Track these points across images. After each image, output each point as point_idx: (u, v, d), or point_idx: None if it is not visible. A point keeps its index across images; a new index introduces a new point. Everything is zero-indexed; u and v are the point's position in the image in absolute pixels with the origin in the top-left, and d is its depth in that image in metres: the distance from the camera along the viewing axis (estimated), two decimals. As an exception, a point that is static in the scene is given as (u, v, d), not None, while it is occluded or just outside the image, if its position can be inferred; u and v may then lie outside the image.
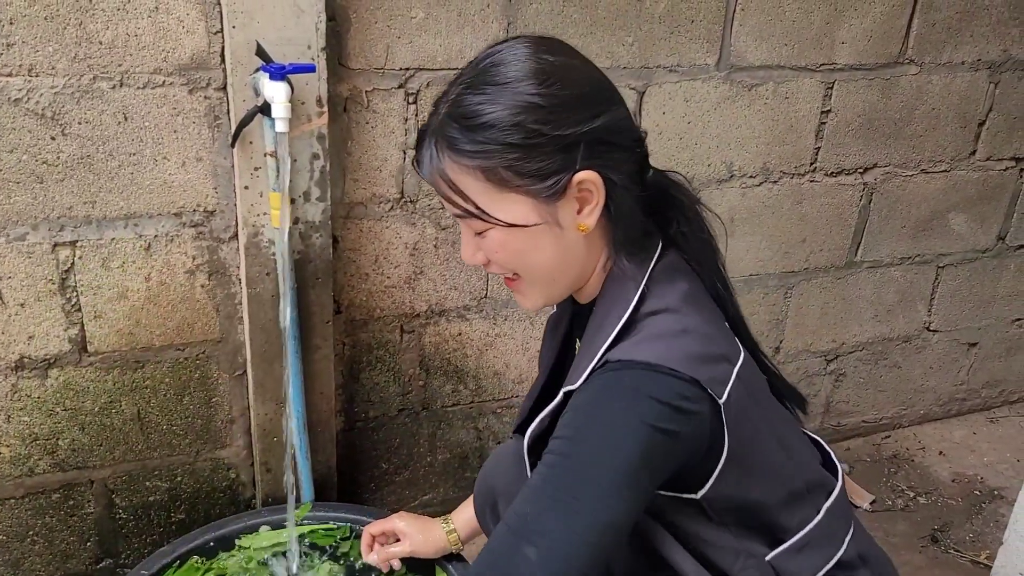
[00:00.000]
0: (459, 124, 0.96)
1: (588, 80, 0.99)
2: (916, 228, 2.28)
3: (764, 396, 1.11)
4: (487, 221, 1.00)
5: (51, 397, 1.56)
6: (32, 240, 1.45)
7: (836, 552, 1.10)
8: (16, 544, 1.64)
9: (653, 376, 0.95)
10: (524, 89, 0.95)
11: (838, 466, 1.19)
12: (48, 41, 1.35)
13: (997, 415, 2.66)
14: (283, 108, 1.37)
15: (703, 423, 0.97)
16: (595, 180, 0.98)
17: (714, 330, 1.05)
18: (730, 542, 1.07)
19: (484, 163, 0.96)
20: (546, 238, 1.01)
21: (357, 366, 1.82)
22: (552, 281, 1.07)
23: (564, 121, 0.95)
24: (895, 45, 2.02)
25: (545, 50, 0.99)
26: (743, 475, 1.03)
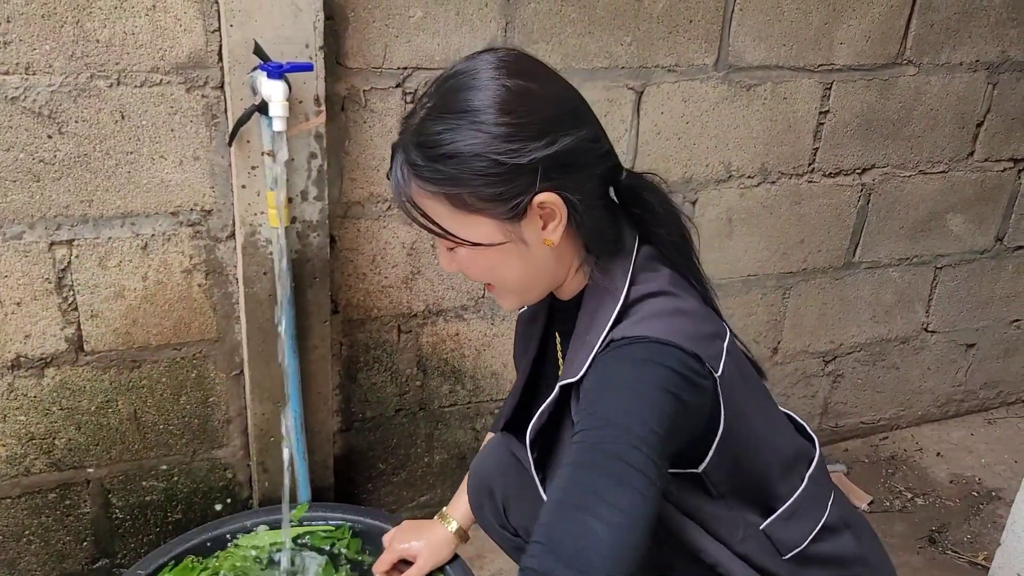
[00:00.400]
0: (422, 152, 0.99)
1: (550, 104, 1.01)
2: (914, 229, 2.28)
3: (749, 372, 1.15)
4: (453, 241, 1.04)
5: (47, 396, 1.56)
6: (29, 239, 1.45)
7: (821, 517, 1.15)
8: (12, 544, 1.63)
9: (661, 348, 0.99)
10: (485, 119, 0.97)
11: (813, 436, 1.24)
12: (45, 39, 1.35)
13: (995, 416, 2.66)
14: (281, 107, 1.37)
15: (706, 395, 1.02)
16: (555, 201, 1.01)
17: (702, 309, 1.10)
18: (728, 514, 1.10)
19: (448, 190, 0.99)
20: (513, 254, 1.05)
21: (354, 366, 1.82)
22: (525, 289, 1.12)
23: (521, 150, 0.97)
24: (893, 46, 2.02)
25: (511, 72, 1.00)
26: (739, 447, 1.07)
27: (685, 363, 0.98)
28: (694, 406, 1.00)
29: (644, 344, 0.99)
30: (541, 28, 1.67)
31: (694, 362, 0.99)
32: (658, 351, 0.98)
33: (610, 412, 0.95)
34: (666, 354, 0.98)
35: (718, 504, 1.10)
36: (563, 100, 1.03)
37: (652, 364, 0.97)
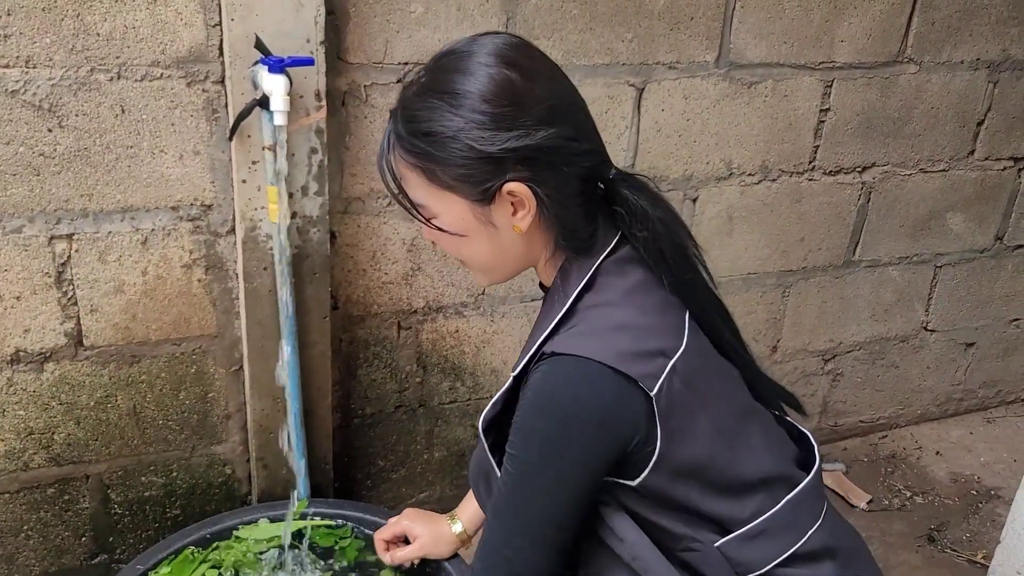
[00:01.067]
0: (405, 124, 1.03)
1: (531, 99, 1.02)
2: (914, 228, 2.28)
3: (713, 388, 1.11)
4: (418, 219, 1.08)
5: (47, 391, 1.56)
6: (28, 233, 1.45)
7: (796, 543, 1.10)
8: (10, 539, 1.63)
9: (581, 370, 1.01)
10: (469, 106, 1.00)
11: (817, 458, 1.19)
12: (46, 32, 1.34)
13: (994, 415, 2.67)
14: (282, 101, 1.37)
15: (634, 417, 1.02)
16: (524, 191, 1.02)
17: (654, 323, 1.07)
18: (677, 527, 1.09)
19: (424, 163, 1.03)
20: (480, 235, 1.07)
21: (354, 362, 1.81)
22: (492, 269, 1.14)
23: (492, 139, 1.00)
24: (894, 44, 2.02)
25: (504, 61, 1.02)
26: (680, 468, 1.05)
27: (608, 385, 1.00)
28: (620, 428, 1.02)
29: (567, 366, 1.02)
30: (542, 24, 1.67)
31: (622, 382, 1.00)
32: (579, 376, 1.01)
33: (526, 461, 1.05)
34: (587, 379, 1.00)
35: (664, 515, 1.09)
36: (547, 96, 1.03)
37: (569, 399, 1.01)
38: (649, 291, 1.09)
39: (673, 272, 1.10)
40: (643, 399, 1.02)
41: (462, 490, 2.05)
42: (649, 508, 1.09)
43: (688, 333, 1.09)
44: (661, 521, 1.09)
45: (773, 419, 1.21)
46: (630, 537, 1.09)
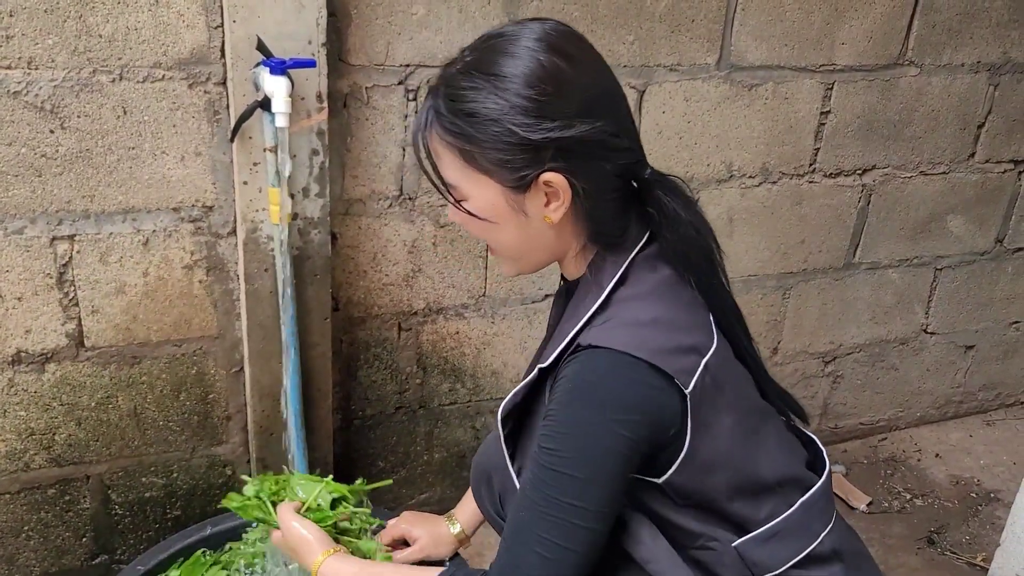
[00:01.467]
0: (447, 102, 1.02)
1: (577, 89, 1.01)
2: (914, 230, 2.28)
3: (735, 388, 1.12)
4: (445, 197, 1.07)
5: (48, 392, 1.56)
6: (30, 234, 1.45)
7: (808, 545, 1.11)
8: (11, 539, 1.63)
9: (618, 364, 1.00)
10: (514, 89, 0.98)
11: (827, 465, 1.20)
12: (48, 34, 1.35)
13: (994, 418, 2.67)
14: (283, 103, 1.37)
15: (668, 412, 1.02)
16: (561, 182, 1.02)
17: (686, 320, 1.08)
18: (695, 526, 1.09)
19: (462, 144, 1.02)
20: (510, 222, 1.06)
21: (355, 364, 1.82)
22: (519, 258, 1.13)
23: (536, 127, 0.99)
24: (895, 46, 2.03)
25: (551, 48, 1.00)
26: (705, 466, 1.06)
27: (642, 379, 1.00)
28: (653, 424, 1.01)
29: (602, 359, 1.01)
30: (543, 26, 1.67)
31: (656, 376, 1.00)
32: (613, 370, 1.00)
33: (560, 451, 1.01)
34: (621, 373, 1.00)
35: (683, 514, 1.09)
36: (592, 87, 1.03)
37: (605, 392, 1.00)
38: (680, 288, 1.10)
39: (699, 275, 1.11)
40: (678, 395, 1.02)
41: (462, 491, 2.04)
42: (669, 507, 1.09)
43: (716, 333, 1.10)
44: (679, 520, 1.09)
45: (783, 423, 1.22)
46: (647, 539, 1.09)
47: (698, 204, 1.12)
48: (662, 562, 1.08)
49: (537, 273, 1.88)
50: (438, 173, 1.06)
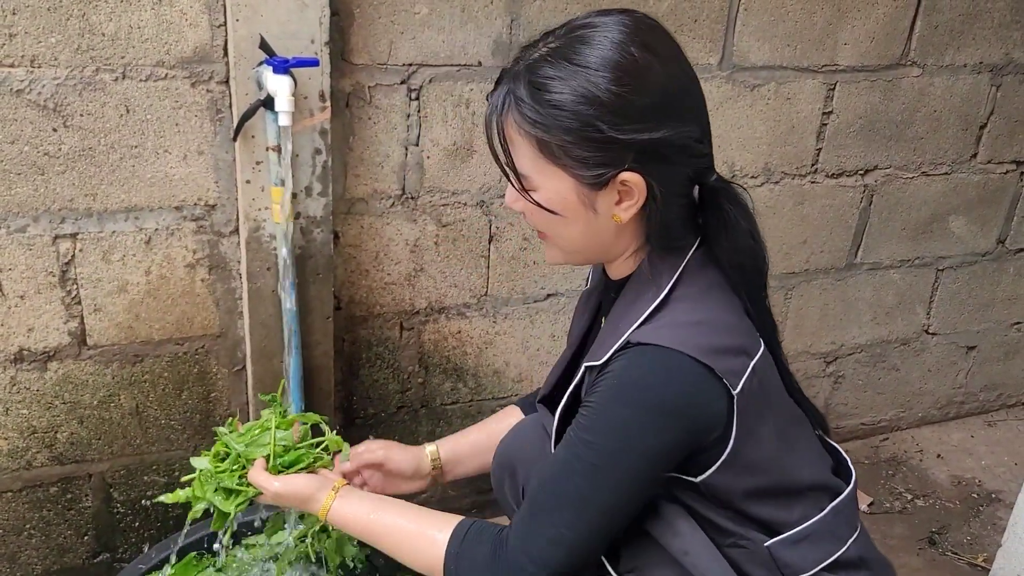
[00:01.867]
0: (530, 90, 0.98)
1: (664, 88, 0.98)
2: (916, 231, 2.28)
3: (776, 393, 1.13)
4: (514, 185, 1.04)
5: (50, 390, 1.56)
6: (33, 232, 1.45)
7: (837, 550, 1.12)
8: (13, 538, 1.63)
9: (667, 360, 0.99)
10: (597, 80, 0.96)
11: (852, 471, 1.21)
12: (51, 32, 1.35)
13: (995, 419, 2.66)
14: (286, 102, 1.37)
15: (715, 412, 1.02)
16: (639, 183, 1.00)
17: (735, 323, 1.08)
18: (728, 524, 1.10)
19: (541, 134, 0.99)
20: (579, 217, 1.04)
21: (356, 363, 1.82)
22: (575, 251, 1.12)
23: (623, 125, 0.96)
24: (897, 47, 2.03)
25: (639, 42, 0.98)
26: (745, 468, 1.06)
27: (692, 378, 0.99)
28: (698, 424, 1.01)
29: (653, 356, 1.00)
30: (546, 26, 1.64)
31: (706, 376, 0.99)
32: (663, 368, 0.99)
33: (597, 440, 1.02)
34: (671, 372, 0.99)
35: (718, 512, 1.10)
36: (680, 88, 1.01)
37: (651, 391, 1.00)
38: (729, 292, 1.10)
39: (749, 283, 1.11)
40: (725, 396, 1.01)
41: (464, 490, 2.05)
42: (704, 504, 1.10)
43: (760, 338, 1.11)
44: (713, 517, 1.10)
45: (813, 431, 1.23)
46: (686, 531, 1.09)
47: (753, 215, 1.12)
48: (700, 555, 1.08)
49: (539, 273, 1.89)
50: (510, 160, 1.03)
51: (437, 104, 1.66)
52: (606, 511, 1.03)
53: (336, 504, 1.18)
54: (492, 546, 1.08)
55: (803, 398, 1.21)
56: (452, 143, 1.70)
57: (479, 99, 1.68)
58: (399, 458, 1.39)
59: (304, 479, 1.22)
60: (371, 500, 1.21)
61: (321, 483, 1.22)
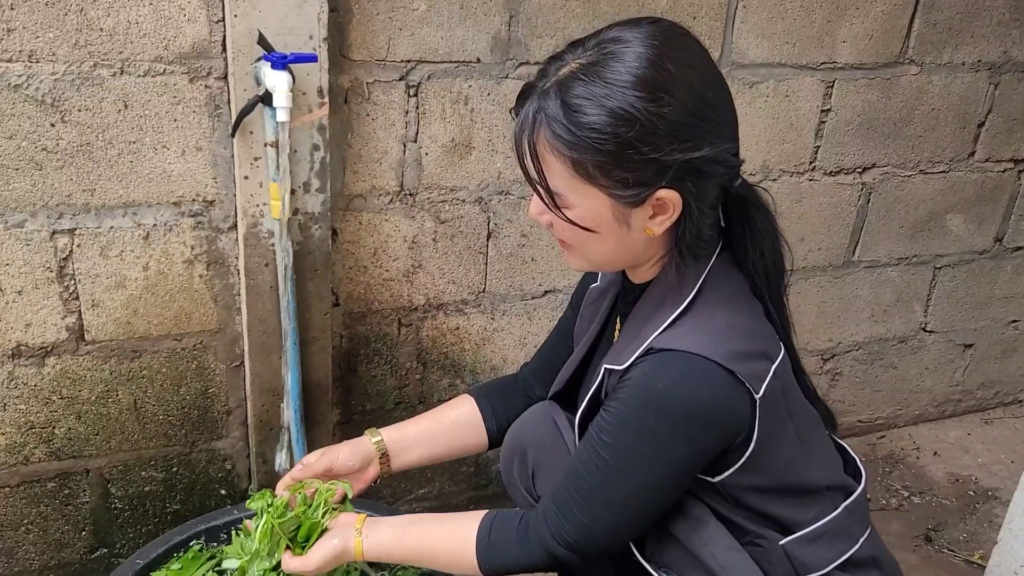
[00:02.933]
0: (564, 111, 0.95)
1: (701, 104, 0.96)
2: (914, 229, 2.28)
3: (794, 395, 1.14)
4: (553, 212, 1.02)
5: (48, 385, 1.56)
6: (30, 227, 1.45)
7: (850, 549, 1.14)
8: (10, 533, 1.63)
9: (691, 367, 0.99)
10: (632, 99, 0.92)
11: (862, 471, 1.22)
12: (49, 27, 1.35)
13: (992, 416, 2.67)
14: (285, 98, 1.37)
15: (740, 417, 1.02)
16: (675, 200, 0.99)
17: (757, 327, 1.08)
18: (744, 523, 1.11)
19: (577, 155, 0.96)
20: (612, 233, 1.03)
21: (354, 359, 1.82)
22: (603, 263, 1.12)
23: (663, 144, 0.94)
24: (896, 45, 2.03)
25: (673, 56, 0.95)
26: (759, 468, 1.07)
27: (716, 384, 0.99)
28: (722, 428, 1.02)
29: (677, 362, 1.00)
30: (545, 23, 1.67)
31: (730, 381, 1.00)
32: (687, 374, 0.99)
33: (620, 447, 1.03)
34: (694, 378, 0.99)
35: (735, 510, 1.11)
36: (717, 99, 0.99)
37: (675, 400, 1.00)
38: (751, 297, 1.10)
39: (772, 287, 1.11)
40: (748, 400, 1.02)
41: (461, 485, 2.05)
42: (721, 503, 1.11)
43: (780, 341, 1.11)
44: (729, 515, 1.11)
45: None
46: (708, 523, 1.10)
47: (775, 218, 1.11)
48: (718, 546, 1.09)
49: (537, 270, 1.89)
50: (543, 179, 1.00)
51: (435, 101, 1.66)
52: (632, 512, 1.05)
53: (366, 545, 1.19)
54: (517, 536, 1.12)
55: (816, 398, 1.21)
56: (450, 140, 1.70)
57: (477, 96, 1.68)
58: (343, 458, 1.36)
59: (327, 544, 1.21)
60: (393, 525, 1.22)
61: (344, 534, 1.21)
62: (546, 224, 1.07)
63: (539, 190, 1.02)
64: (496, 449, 1.44)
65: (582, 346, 1.30)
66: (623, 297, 1.22)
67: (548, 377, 1.41)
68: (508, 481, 1.41)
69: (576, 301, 1.39)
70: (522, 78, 1.69)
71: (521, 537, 1.12)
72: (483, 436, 1.43)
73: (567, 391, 1.33)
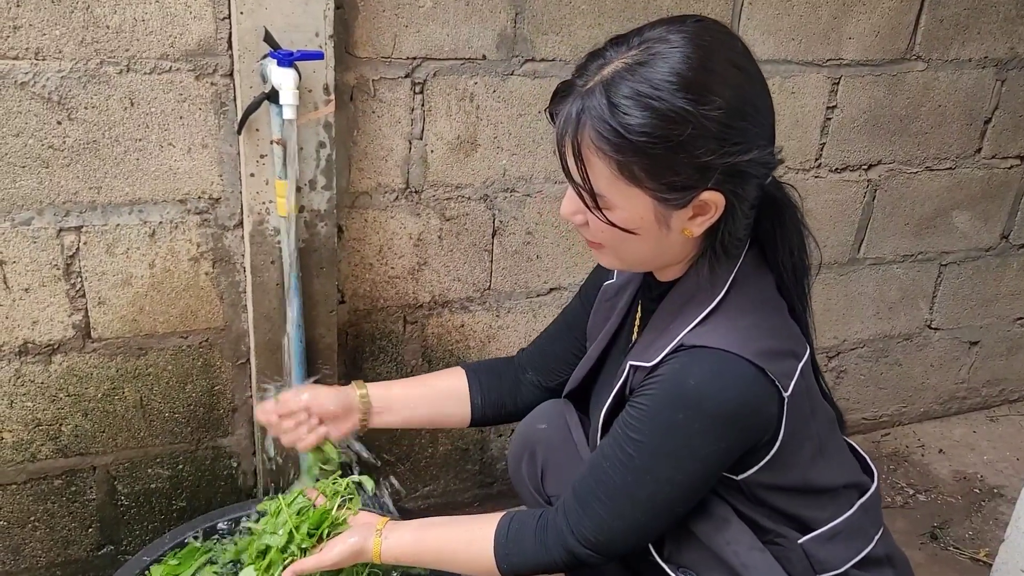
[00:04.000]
0: (613, 112, 0.93)
1: (746, 105, 0.95)
2: (919, 226, 2.28)
3: (815, 394, 1.14)
4: (594, 213, 1.00)
5: (54, 383, 1.56)
6: (37, 225, 1.45)
7: (865, 547, 1.14)
8: (17, 530, 1.64)
9: (721, 363, 0.99)
10: (681, 101, 0.91)
11: (873, 470, 1.23)
12: (55, 24, 1.35)
13: (997, 414, 2.66)
14: (291, 95, 1.37)
15: (769, 415, 1.02)
16: (719, 201, 0.98)
17: (785, 326, 1.08)
18: (764, 521, 1.11)
19: (623, 158, 0.94)
20: (651, 234, 1.01)
21: (360, 356, 1.82)
22: (638, 263, 1.11)
23: (710, 146, 0.92)
24: (902, 41, 2.02)
25: (721, 58, 0.94)
26: (781, 467, 1.07)
27: (746, 381, 0.99)
28: (751, 427, 1.01)
29: (706, 359, 1.00)
30: (551, 19, 1.67)
31: (759, 378, 0.99)
32: (716, 372, 0.99)
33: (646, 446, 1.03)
34: (724, 376, 0.99)
35: (754, 508, 1.11)
36: (761, 101, 0.98)
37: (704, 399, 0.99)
38: (779, 296, 1.10)
39: (799, 285, 1.11)
40: (777, 398, 1.01)
41: (466, 483, 2.06)
42: (743, 502, 1.11)
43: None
44: (750, 514, 1.11)
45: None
46: (730, 522, 1.10)
47: (801, 216, 1.11)
48: (740, 544, 1.09)
49: (542, 267, 1.89)
50: (587, 180, 0.97)
51: (441, 98, 1.65)
52: (656, 509, 1.05)
53: (384, 547, 1.19)
54: (536, 535, 1.11)
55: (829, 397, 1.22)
56: (456, 137, 1.70)
57: (483, 93, 1.68)
58: (323, 398, 1.34)
59: (345, 541, 1.21)
60: (413, 528, 1.21)
61: (364, 533, 1.21)
62: (579, 224, 1.05)
63: (582, 192, 0.99)
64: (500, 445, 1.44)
65: (598, 343, 1.29)
66: (645, 294, 1.21)
67: (543, 364, 1.41)
68: (516, 478, 1.41)
69: (586, 294, 1.37)
70: (528, 75, 1.69)
71: (540, 535, 1.11)
72: (467, 410, 1.41)
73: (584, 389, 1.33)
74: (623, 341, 1.25)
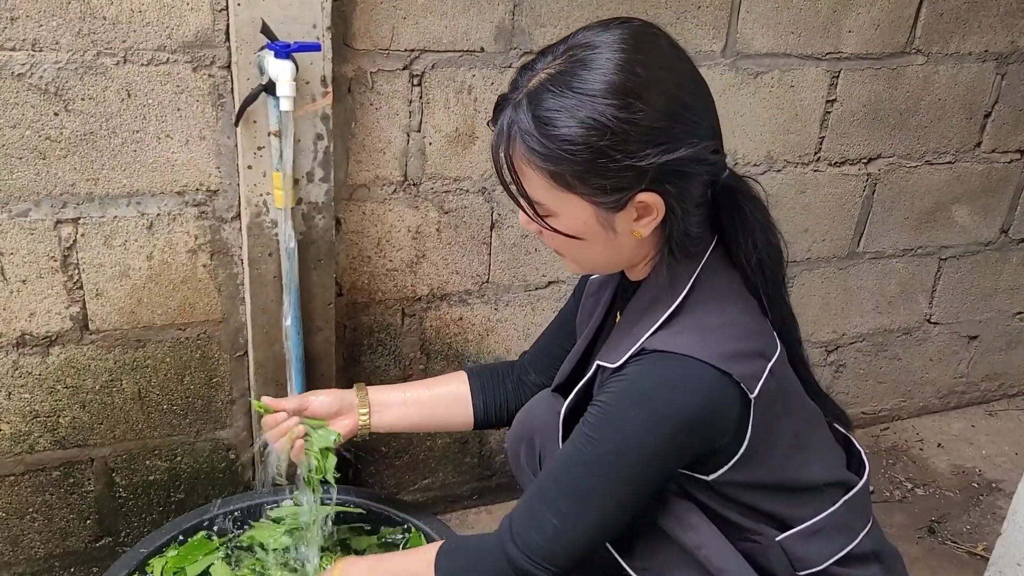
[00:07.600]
0: (536, 124, 0.95)
1: (675, 106, 0.95)
2: (919, 220, 2.28)
3: (793, 391, 1.13)
4: (537, 223, 1.03)
5: (52, 375, 1.56)
6: (34, 216, 1.45)
7: (850, 543, 1.13)
8: (15, 521, 1.64)
9: (684, 369, 0.99)
10: (603, 108, 0.92)
11: (866, 464, 1.21)
12: (52, 16, 1.34)
13: (996, 408, 2.66)
14: (288, 87, 1.37)
15: (730, 416, 1.02)
16: (656, 202, 0.98)
17: (753, 325, 1.07)
18: (740, 520, 1.11)
19: (553, 167, 0.96)
20: (599, 238, 1.03)
21: (358, 349, 1.82)
22: (598, 267, 1.13)
23: (637, 150, 0.93)
24: (902, 35, 2.01)
25: (642, 60, 0.94)
26: (753, 466, 1.07)
27: (708, 385, 0.99)
28: (712, 428, 1.01)
29: (668, 364, 1.00)
30: (549, 12, 1.67)
31: (723, 381, 0.99)
32: (678, 378, 0.99)
33: (604, 440, 1.02)
34: (686, 383, 0.99)
35: (729, 508, 1.11)
36: (692, 98, 0.98)
37: (662, 400, 0.99)
38: (746, 293, 1.09)
39: (768, 281, 1.10)
40: (740, 401, 1.01)
41: (465, 476, 2.06)
42: (716, 501, 1.10)
43: (778, 338, 1.11)
44: (725, 513, 1.10)
45: (827, 426, 1.23)
46: (699, 526, 1.09)
47: (767, 208, 1.10)
48: (715, 548, 1.09)
49: (540, 260, 1.89)
50: (523, 191, 1.00)
51: (439, 90, 1.65)
52: (607, 508, 1.04)
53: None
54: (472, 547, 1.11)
55: (821, 393, 1.21)
56: (454, 129, 1.69)
57: (481, 85, 1.68)
58: (318, 401, 1.38)
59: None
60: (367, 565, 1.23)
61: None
62: (536, 233, 1.08)
63: (520, 202, 1.02)
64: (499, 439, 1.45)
65: (583, 339, 1.30)
66: (622, 292, 1.22)
67: (544, 365, 1.42)
68: (516, 466, 1.41)
69: (577, 291, 1.39)
70: (526, 68, 1.69)
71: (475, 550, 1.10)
72: (469, 413, 1.43)
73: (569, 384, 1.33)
74: (605, 336, 1.25)
